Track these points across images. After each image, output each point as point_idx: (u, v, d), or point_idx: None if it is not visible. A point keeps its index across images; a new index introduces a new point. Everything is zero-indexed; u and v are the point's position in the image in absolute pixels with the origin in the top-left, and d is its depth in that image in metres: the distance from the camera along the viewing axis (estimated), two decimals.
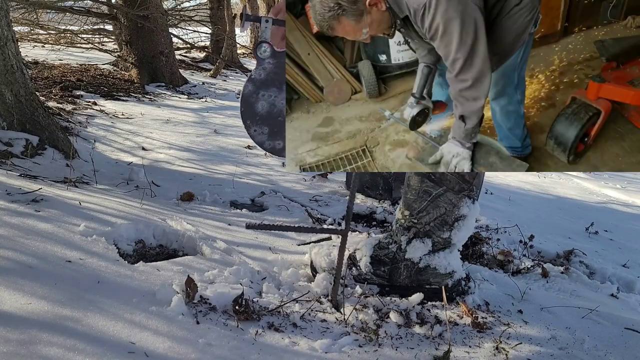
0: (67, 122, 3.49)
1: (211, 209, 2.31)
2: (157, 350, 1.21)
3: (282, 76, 1.44)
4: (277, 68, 1.43)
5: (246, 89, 1.41)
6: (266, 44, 1.38)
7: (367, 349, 1.38)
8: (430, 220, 1.65)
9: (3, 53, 2.53)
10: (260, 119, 1.45)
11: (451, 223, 1.64)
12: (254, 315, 1.45)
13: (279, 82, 1.44)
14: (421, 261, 1.67)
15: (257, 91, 1.43)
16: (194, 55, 9.13)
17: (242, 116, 1.42)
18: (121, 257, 1.65)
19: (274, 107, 1.45)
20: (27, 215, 1.74)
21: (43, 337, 1.16)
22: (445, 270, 1.67)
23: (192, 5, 10.31)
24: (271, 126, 1.46)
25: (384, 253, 1.70)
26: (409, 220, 1.68)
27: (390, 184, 2.62)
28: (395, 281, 1.69)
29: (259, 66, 1.40)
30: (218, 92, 6.15)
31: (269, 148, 1.47)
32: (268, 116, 1.45)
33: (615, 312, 1.71)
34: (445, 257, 1.67)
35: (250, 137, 1.45)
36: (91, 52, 7.09)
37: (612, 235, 2.65)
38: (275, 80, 1.43)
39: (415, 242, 1.66)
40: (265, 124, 1.45)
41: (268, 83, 1.43)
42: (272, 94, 1.44)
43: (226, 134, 3.91)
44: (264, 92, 1.43)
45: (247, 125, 1.44)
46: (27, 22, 6.67)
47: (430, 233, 1.66)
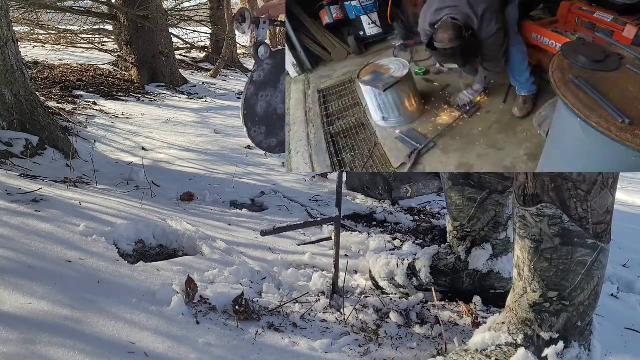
0: (67, 122, 3.49)
1: (211, 209, 2.31)
2: (157, 350, 1.21)
3: (278, 75, 1.46)
4: (274, 68, 1.45)
5: (248, 92, 1.43)
6: (265, 45, 1.39)
7: (367, 349, 1.38)
8: (483, 226, 1.61)
9: (3, 53, 2.53)
10: (259, 120, 1.47)
11: (505, 223, 1.60)
12: (254, 315, 1.45)
13: (275, 82, 1.46)
14: (484, 267, 1.62)
15: (257, 92, 1.45)
16: (194, 55, 9.12)
17: (243, 119, 1.44)
18: (121, 257, 1.65)
19: (269, 106, 1.48)
20: (27, 215, 1.74)
21: (43, 337, 1.16)
22: (509, 274, 1.61)
23: (192, 5, 10.31)
24: (267, 125, 1.49)
25: (444, 264, 1.66)
26: (462, 231, 1.64)
27: (390, 184, 2.62)
28: (459, 289, 1.65)
29: (259, 67, 1.42)
30: (218, 92, 6.15)
31: (265, 147, 1.51)
32: (265, 116, 1.48)
33: (615, 312, 1.71)
34: (508, 261, 1.62)
35: (250, 138, 1.47)
36: (91, 52, 7.09)
37: (612, 235, 2.64)
38: (271, 80, 1.46)
39: (476, 251, 1.62)
40: (262, 124, 1.48)
41: (266, 83, 1.45)
42: (269, 93, 1.46)
43: (226, 134, 3.91)
44: (262, 92, 1.45)
45: (248, 127, 1.46)
46: (27, 22, 6.67)
47: (488, 237, 1.62)
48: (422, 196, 2.75)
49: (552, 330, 1.23)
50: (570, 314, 1.22)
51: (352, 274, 1.81)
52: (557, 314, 1.22)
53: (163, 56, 5.94)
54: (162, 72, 5.97)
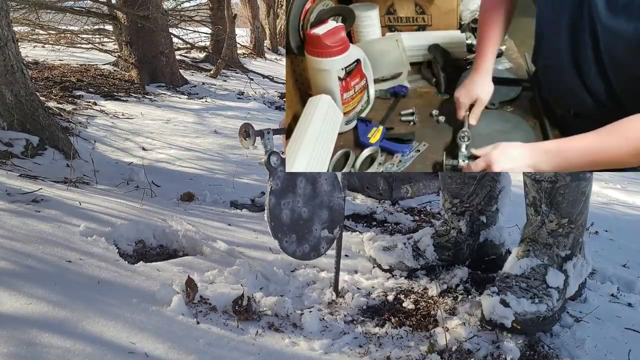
0: (67, 122, 3.49)
1: (211, 209, 2.31)
2: (157, 350, 1.21)
3: (293, 180, 1.48)
4: (288, 174, 1.47)
5: (270, 203, 1.45)
6: (275, 154, 1.43)
7: (367, 349, 1.38)
8: (480, 200, 1.81)
9: (3, 53, 2.53)
10: (287, 229, 1.49)
11: (496, 196, 1.83)
12: (254, 315, 1.45)
13: (292, 187, 1.49)
14: (481, 236, 1.84)
15: (279, 202, 1.47)
16: (194, 55, 9.12)
17: (272, 231, 1.46)
18: (121, 257, 1.65)
19: (294, 213, 1.50)
20: (27, 216, 1.74)
21: (43, 337, 1.16)
22: (499, 241, 1.86)
23: (192, 5, 10.32)
24: (296, 232, 1.51)
25: (445, 239, 1.84)
26: (461, 206, 1.83)
27: (390, 184, 2.62)
28: (458, 261, 1.84)
29: (274, 177, 1.44)
30: (218, 92, 6.15)
31: (299, 255, 1.54)
32: (292, 223, 1.50)
33: (615, 312, 1.71)
34: (497, 229, 1.86)
35: (283, 249, 1.50)
36: (91, 53, 7.08)
37: (612, 235, 2.64)
38: (289, 187, 1.48)
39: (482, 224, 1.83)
40: (292, 232, 1.50)
41: (284, 191, 1.47)
42: (290, 200, 1.49)
43: (226, 134, 3.91)
44: (283, 200, 1.47)
45: (279, 238, 1.48)
46: (28, 22, 6.67)
47: (483, 210, 1.83)
48: (422, 196, 2.75)
49: (565, 248, 1.59)
50: (575, 233, 1.59)
51: (352, 274, 1.81)
52: (567, 235, 1.58)
53: (163, 56, 5.94)
54: (162, 72, 5.97)
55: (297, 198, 1.50)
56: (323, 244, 1.59)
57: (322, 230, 1.58)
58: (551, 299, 1.51)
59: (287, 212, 1.49)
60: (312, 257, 1.57)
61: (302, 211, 1.52)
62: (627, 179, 4.00)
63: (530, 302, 1.47)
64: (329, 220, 1.59)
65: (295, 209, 1.51)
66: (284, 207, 1.48)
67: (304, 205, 1.52)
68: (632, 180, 4.01)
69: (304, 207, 1.52)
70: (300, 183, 1.51)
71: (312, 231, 1.55)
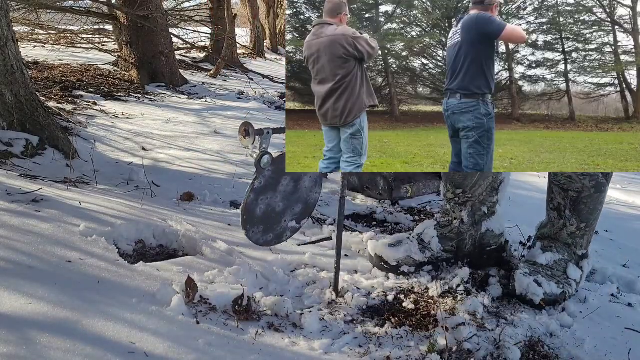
0: (67, 122, 3.49)
1: (211, 209, 2.31)
2: (157, 351, 1.21)
3: (278, 179, 1.55)
4: (274, 173, 1.53)
5: (249, 199, 1.50)
6: (268, 155, 1.47)
7: (367, 349, 1.38)
8: (483, 191, 1.87)
9: (3, 53, 2.53)
10: (257, 221, 1.56)
11: (497, 188, 1.90)
12: (254, 315, 1.45)
13: (275, 185, 1.55)
14: (482, 226, 1.90)
15: (257, 198, 1.53)
16: (194, 55, 9.12)
17: (243, 224, 1.53)
18: (121, 257, 1.65)
19: (269, 207, 1.57)
20: (27, 216, 1.74)
21: (43, 337, 1.16)
22: (499, 230, 1.94)
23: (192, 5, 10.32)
24: (265, 223, 1.58)
25: (448, 230, 1.90)
26: (463, 197, 1.87)
27: (390, 184, 2.62)
28: (461, 251, 1.90)
29: (260, 176, 1.49)
30: (218, 92, 6.15)
31: (262, 242, 1.61)
32: (264, 216, 1.57)
33: (615, 312, 1.72)
34: (497, 220, 1.93)
35: (248, 237, 1.57)
36: (91, 53, 7.08)
37: (612, 235, 2.65)
38: (271, 184, 1.54)
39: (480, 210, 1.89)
40: (261, 223, 1.57)
41: (266, 187, 1.53)
42: (269, 196, 1.55)
43: (226, 134, 3.91)
44: (262, 197, 1.54)
45: (247, 229, 1.55)
46: (27, 22, 6.67)
47: (484, 201, 1.89)
48: (422, 196, 2.75)
49: (582, 248, 1.84)
50: (588, 235, 1.84)
51: (352, 274, 1.81)
52: (583, 237, 1.83)
53: (163, 56, 5.94)
54: (162, 72, 5.97)
55: (276, 194, 1.56)
56: (287, 233, 1.68)
57: (291, 222, 1.65)
58: (571, 287, 1.76)
59: (263, 206, 1.54)
60: (273, 244, 1.66)
61: (277, 205, 1.58)
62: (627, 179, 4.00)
63: (556, 286, 1.72)
64: (300, 213, 1.67)
65: (272, 204, 1.57)
66: (260, 202, 1.53)
67: (281, 201, 1.58)
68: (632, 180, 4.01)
69: (281, 202, 1.59)
70: (284, 181, 1.56)
71: (280, 222, 1.62)
